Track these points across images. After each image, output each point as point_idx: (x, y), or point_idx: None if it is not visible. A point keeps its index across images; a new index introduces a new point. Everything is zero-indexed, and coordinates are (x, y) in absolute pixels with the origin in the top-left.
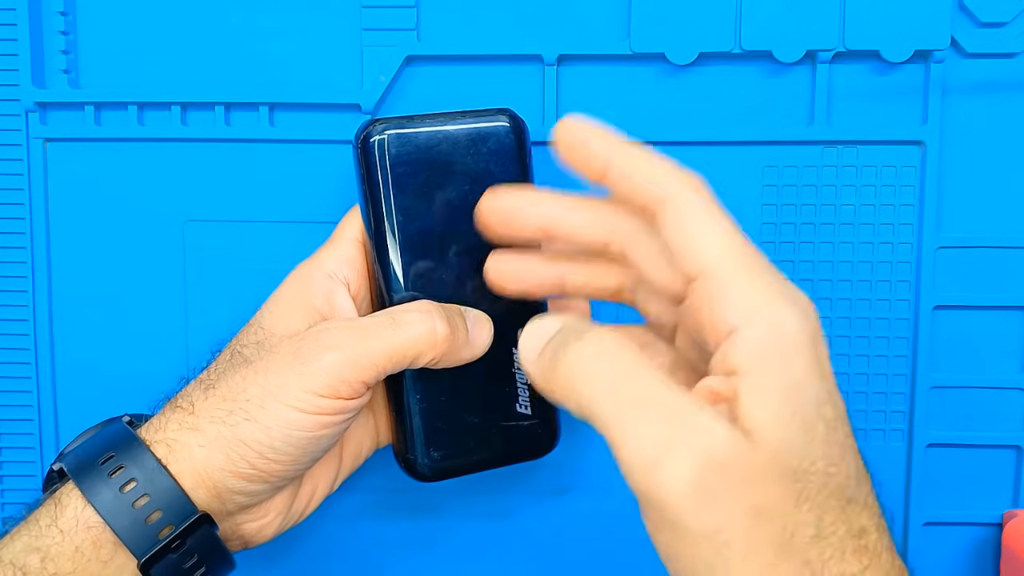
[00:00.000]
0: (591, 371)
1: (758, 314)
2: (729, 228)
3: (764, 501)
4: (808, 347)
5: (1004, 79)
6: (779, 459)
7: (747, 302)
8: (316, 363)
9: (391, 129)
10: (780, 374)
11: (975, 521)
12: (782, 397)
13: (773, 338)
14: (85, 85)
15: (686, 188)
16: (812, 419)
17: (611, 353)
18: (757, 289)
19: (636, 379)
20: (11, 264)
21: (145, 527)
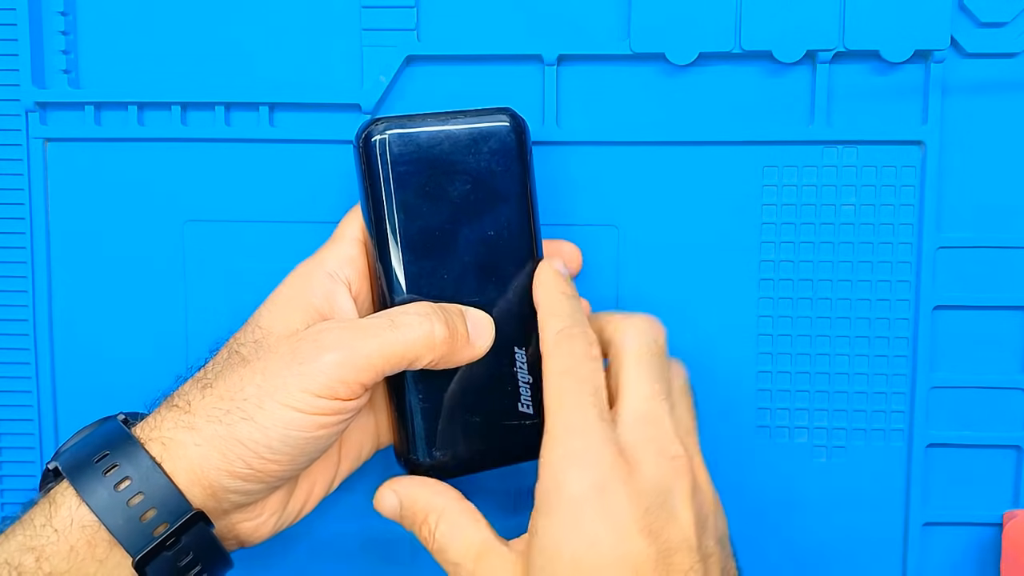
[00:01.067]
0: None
1: (547, 469)
2: (573, 387)
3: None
4: (581, 513)
5: (1004, 79)
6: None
7: (545, 456)
8: (314, 363)
9: (392, 128)
10: (542, 526)
11: (975, 521)
12: (541, 547)
13: (546, 492)
14: (85, 85)
15: (555, 348)
16: (569, 571)
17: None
18: (556, 448)
19: (471, 543)
20: (11, 264)
21: (140, 525)
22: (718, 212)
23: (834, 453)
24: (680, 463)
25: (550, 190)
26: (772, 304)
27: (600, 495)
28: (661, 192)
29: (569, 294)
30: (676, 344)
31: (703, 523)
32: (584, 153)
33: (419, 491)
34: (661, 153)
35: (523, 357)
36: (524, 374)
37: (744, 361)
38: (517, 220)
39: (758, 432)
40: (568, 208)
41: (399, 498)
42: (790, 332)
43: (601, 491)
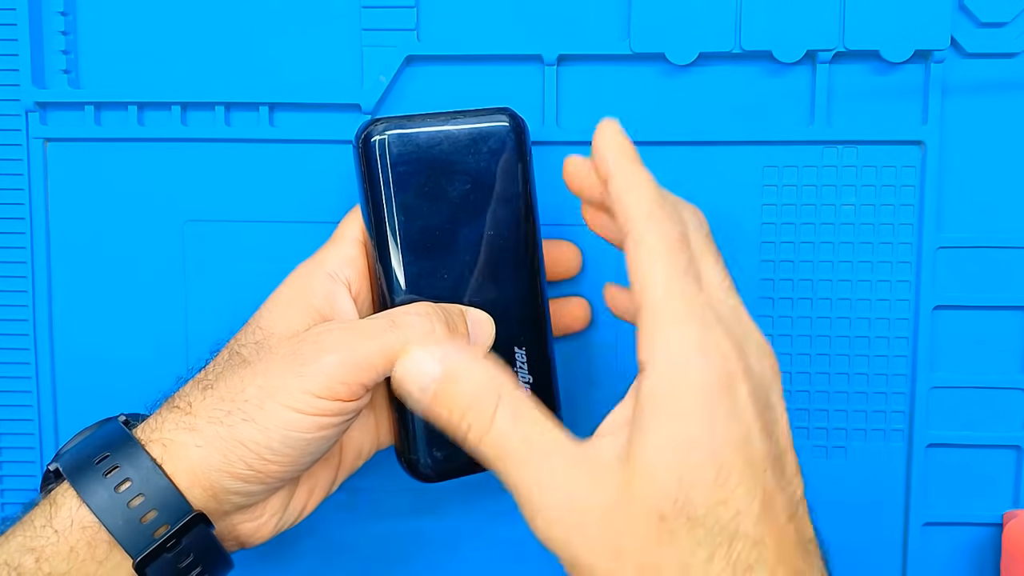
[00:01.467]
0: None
1: (665, 361)
2: (678, 276)
3: (624, 542)
4: (707, 396)
5: (1004, 79)
6: (645, 503)
7: (660, 347)
8: (315, 364)
9: (392, 129)
10: (663, 422)
11: (975, 521)
12: (659, 445)
13: (664, 386)
14: (85, 85)
15: (651, 232)
16: (695, 467)
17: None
18: (674, 337)
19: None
20: (11, 264)
21: (140, 527)
22: (718, 212)
23: (834, 453)
24: (774, 360)
25: (550, 190)
26: (772, 304)
27: (728, 388)
28: None
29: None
30: None
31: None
32: (584, 153)
33: (473, 363)
34: (661, 153)
35: (523, 357)
36: (524, 374)
37: None
38: (517, 220)
39: None
40: (568, 208)
41: (444, 368)
42: (790, 332)
43: (729, 384)
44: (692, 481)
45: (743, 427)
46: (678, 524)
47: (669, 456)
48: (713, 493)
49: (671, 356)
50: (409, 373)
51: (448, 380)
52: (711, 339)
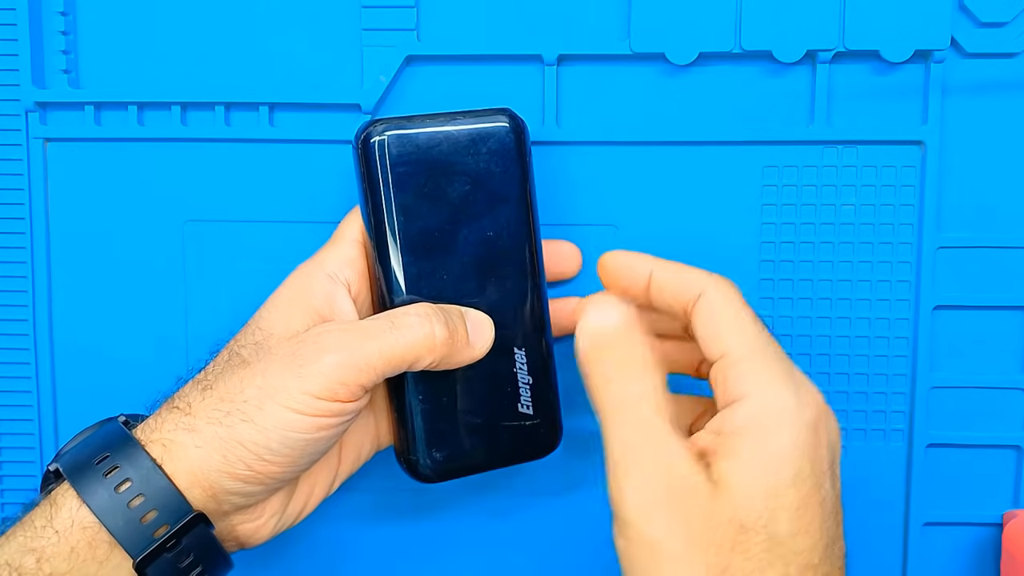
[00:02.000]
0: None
1: (757, 392)
2: (749, 320)
3: (704, 536)
4: (800, 428)
5: (1004, 79)
6: (731, 511)
7: (752, 381)
8: (314, 365)
9: (391, 129)
10: (758, 443)
11: (975, 521)
12: (753, 462)
13: (762, 412)
14: (85, 85)
15: (715, 287)
16: (782, 489)
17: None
18: (764, 372)
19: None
20: (11, 264)
21: (140, 527)
22: (718, 212)
23: None
24: (839, 432)
25: (550, 190)
26: (772, 304)
27: (815, 433)
28: (661, 192)
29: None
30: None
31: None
32: (584, 153)
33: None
34: (661, 153)
35: (523, 358)
36: (524, 375)
37: None
38: (516, 221)
39: None
40: (568, 208)
41: (624, 316)
42: (790, 332)
43: (815, 430)
44: (778, 505)
45: (821, 470)
46: (757, 539)
47: (761, 477)
48: (795, 521)
49: (773, 389)
50: (599, 317)
51: (618, 335)
52: (804, 384)
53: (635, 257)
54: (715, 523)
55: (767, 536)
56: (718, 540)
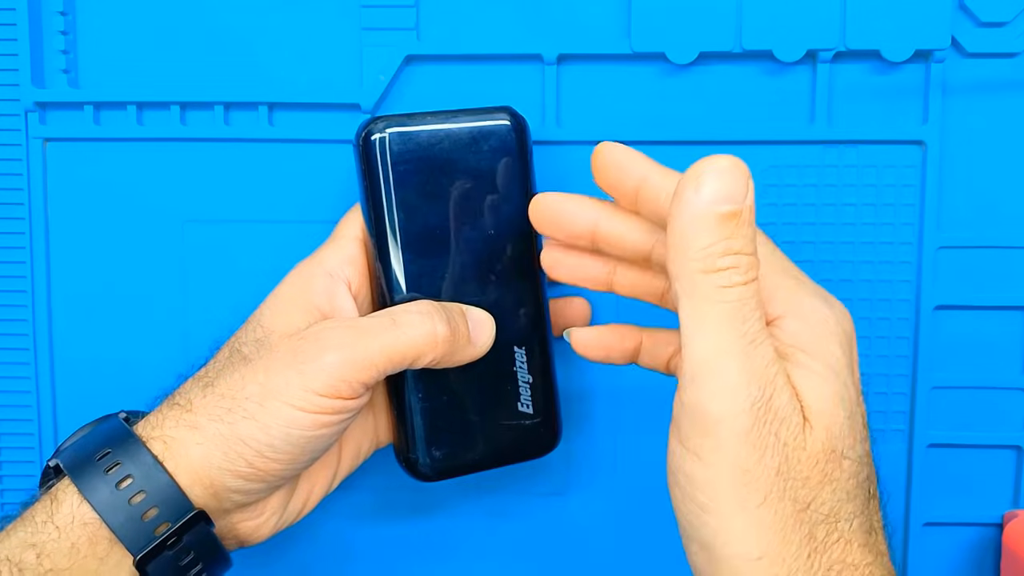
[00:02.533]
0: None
1: (801, 307)
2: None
3: (791, 465)
4: (846, 343)
5: (1004, 79)
6: (820, 437)
7: (790, 297)
8: (316, 363)
9: (392, 127)
10: (826, 361)
11: (975, 521)
12: (829, 382)
13: (819, 329)
14: (85, 85)
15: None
16: (852, 409)
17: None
18: (797, 288)
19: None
20: (11, 264)
21: (141, 524)
22: None
23: None
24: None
25: (550, 189)
26: None
27: (852, 343)
28: None
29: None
30: None
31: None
32: (584, 153)
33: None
34: (661, 153)
35: (523, 356)
36: (524, 374)
37: None
38: (517, 219)
39: None
40: None
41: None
42: None
43: (852, 339)
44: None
45: (857, 391)
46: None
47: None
48: (864, 440)
49: (809, 302)
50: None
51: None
52: (823, 292)
53: (630, 157)
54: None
55: (851, 463)
56: (804, 471)
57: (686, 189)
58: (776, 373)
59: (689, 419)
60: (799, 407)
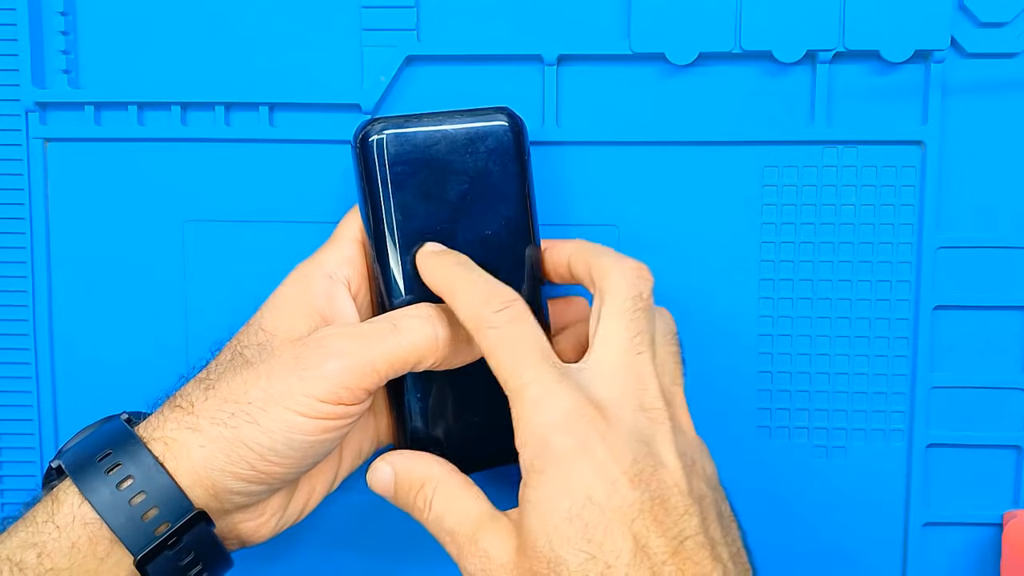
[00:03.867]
0: (442, 521)
1: (531, 436)
2: (543, 358)
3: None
4: (566, 464)
5: (1004, 79)
6: (529, 564)
7: (528, 425)
8: (318, 369)
9: (389, 128)
10: (534, 491)
11: (975, 521)
12: (533, 511)
13: (535, 457)
14: (85, 85)
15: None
16: (561, 526)
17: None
18: (537, 413)
19: (466, 516)
20: (11, 264)
21: (141, 524)
22: (718, 212)
23: (834, 453)
24: (658, 413)
25: (550, 190)
26: (772, 304)
27: (584, 451)
28: (661, 192)
29: (458, 262)
30: None
31: (690, 466)
32: (584, 153)
33: (415, 462)
34: (661, 153)
35: None
36: None
37: (744, 361)
38: (515, 220)
39: (758, 432)
40: (568, 208)
41: (394, 469)
42: (790, 332)
43: (584, 448)
44: (559, 541)
45: (605, 483)
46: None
47: (540, 523)
48: (580, 549)
49: (535, 431)
50: (374, 481)
51: (398, 478)
52: (564, 412)
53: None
54: (527, 568)
55: (568, 563)
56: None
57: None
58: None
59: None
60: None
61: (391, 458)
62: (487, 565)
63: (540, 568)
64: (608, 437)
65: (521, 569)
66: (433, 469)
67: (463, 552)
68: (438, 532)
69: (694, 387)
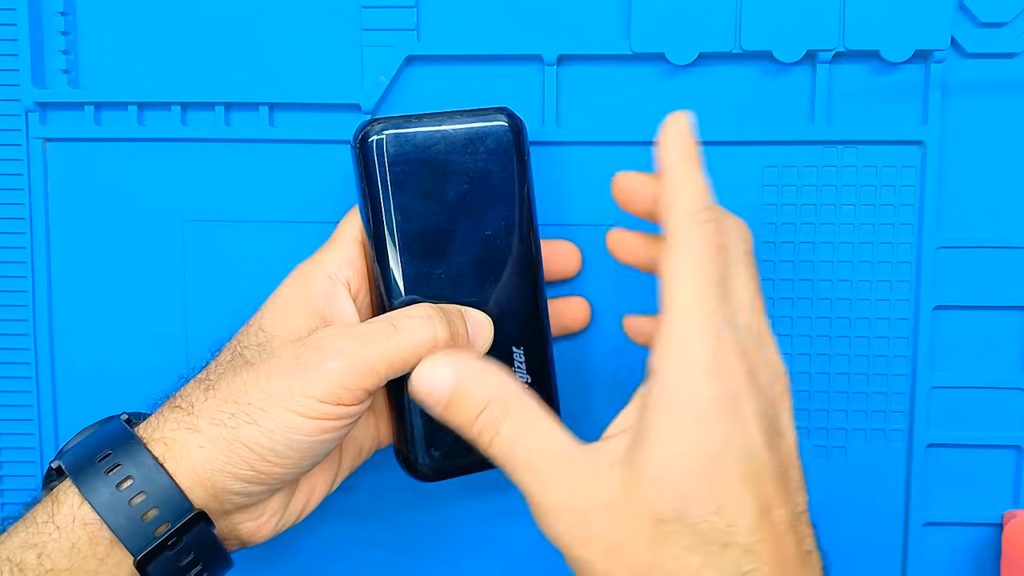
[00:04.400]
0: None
1: (674, 373)
2: (706, 286)
3: (620, 541)
4: (712, 414)
5: (1004, 79)
6: (644, 507)
7: (672, 358)
8: (318, 370)
9: (389, 129)
10: (668, 434)
11: (975, 521)
12: (663, 454)
13: (674, 399)
14: (85, 85)
15: (691, 235)
16: (695, 474)
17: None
18: (686, 351)
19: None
20: (11, 264)
21: (141, 524)
22: None
23: (834, 453)
24: (787, 382)
25: (550, 190)
26: (772, 304)
27: (732, 404)
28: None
29: (700, 166)
30: None
31: (797, 444)
32: (584, 153)
33: (484, 373)
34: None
35: (521, 356)
36: (523, 374)
37: None
38: (514, 220)
39: None
40: (568, 208)
41: (457, 374)
42: (790, 332)
43: (733, 400)
44: (689, 490)
45: (745, 440)
46: (673, 529)
47: (669, 465)
48: (709, 502)
49: (680, 369)
50: (424, 380)
51: (461, 387)
52: (721, 357)
53: (641, 181)
54: (632, 522)
55: (682, 525)
56: (638, 540)
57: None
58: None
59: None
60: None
61: (454, 359)
62: (581, 502)
63: (661, 511)
64: (753, 395)
65: (628, 512)
66: (506, 385)
67: (546, 487)
68: (509, 461)
69: None
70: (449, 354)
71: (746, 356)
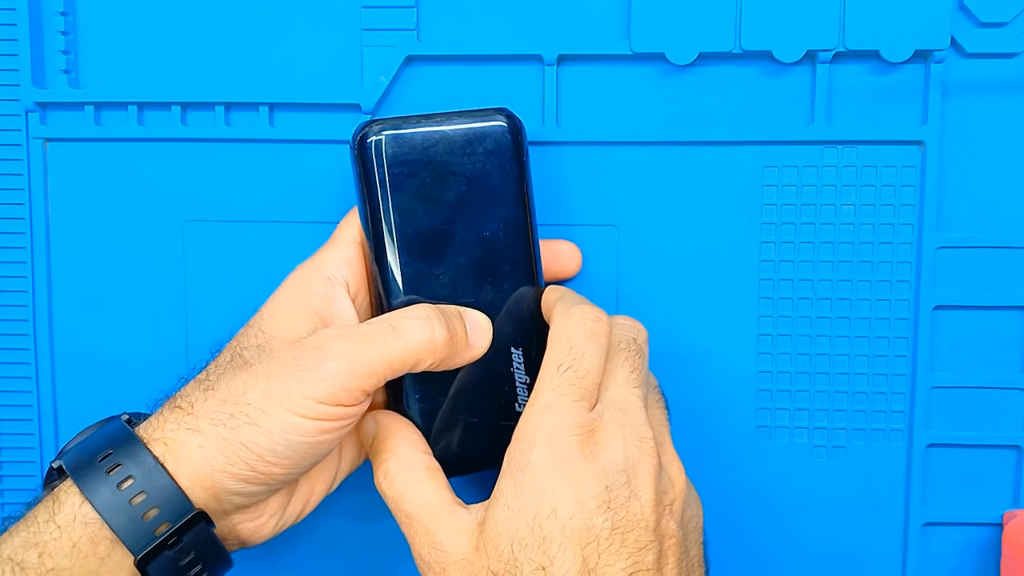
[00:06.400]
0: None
1: (519, 442)
2: (555, 372)
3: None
4: (545, 476)
5: (1004, 79)
6: (486, 560)
7: (519, 429)
8: (317, 371)
9: (388, 130)
10: (509, 494)
11: (975, 521)
12: (502, 512)
13: (515, 461)
14: (85, 85)
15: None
16: (525, 531)
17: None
18: (532, 421)
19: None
20: (11, 264)
21: (142, 524)
22: (718, 212)
23: (834, 453)
24: (647, 445)
25: (550, 190)
26: (772, 304)
27: (565, 468)
28: (661, 192)
29: (579, 297)
30: (676, 344)
31: (665, 505)
32: (584, 153)
33: (392, 428)
34: (661, 153)
35: (520, 357)
36: (521, 374)
37: (744, 361)
38: (513, 220)
39: (758, 432)
40: (567, 208)
41: (377, 425)
42: (790, 332)
43: (567, 464)
44: (519, 546)
45: (573, 503)
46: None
47: (508, 521)
48: (536, 557)
49: (532, 432)
50: (362, 432)
51: (376, 435)
52: (561, 427)
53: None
54: (477, 573)
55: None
56: None
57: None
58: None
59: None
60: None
61: (379, 415)
62: (441, 558)
63: (498, 568)
64: (591, 461)
65: (477, 566)
66: (403, 444)
67: (418, 540)
68: (395, 510)
69: (695, 387)
70: (378, 412)
71: (589, 426)
